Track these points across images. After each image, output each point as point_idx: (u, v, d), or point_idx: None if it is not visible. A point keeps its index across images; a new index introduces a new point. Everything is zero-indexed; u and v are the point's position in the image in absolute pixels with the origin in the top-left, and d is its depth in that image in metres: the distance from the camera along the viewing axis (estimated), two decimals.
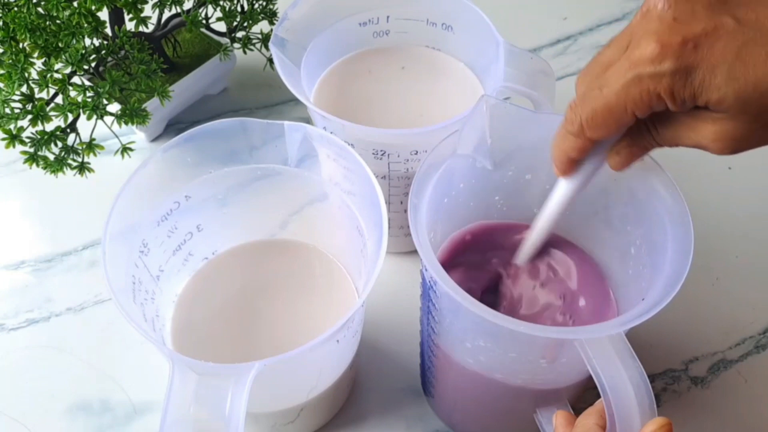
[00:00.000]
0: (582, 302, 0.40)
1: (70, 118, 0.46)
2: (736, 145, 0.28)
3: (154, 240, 0.40)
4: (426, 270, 0.35)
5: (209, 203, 0.43)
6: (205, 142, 0.40)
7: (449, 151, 0.37)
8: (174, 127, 0.60)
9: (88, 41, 0.46)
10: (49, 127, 0.46)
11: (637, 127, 0.31)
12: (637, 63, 0.28)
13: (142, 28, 0.48)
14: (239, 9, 0.53)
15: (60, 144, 0.46)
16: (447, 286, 0.32)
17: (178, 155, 0.39)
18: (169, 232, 0.41)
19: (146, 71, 0.47)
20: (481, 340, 0.36)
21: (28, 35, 0.44)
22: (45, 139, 0.45)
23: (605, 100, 0.29)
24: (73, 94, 0.46)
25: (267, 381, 0.34)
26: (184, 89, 0.57)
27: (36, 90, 0.45)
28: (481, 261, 0.42)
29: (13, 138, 0.45)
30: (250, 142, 0.41)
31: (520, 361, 0.36)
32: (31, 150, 0.45)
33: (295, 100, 0.60)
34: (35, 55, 0.45)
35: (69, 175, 0.48)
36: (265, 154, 0.41)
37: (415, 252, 0.53)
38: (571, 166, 0.33)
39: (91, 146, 0.47)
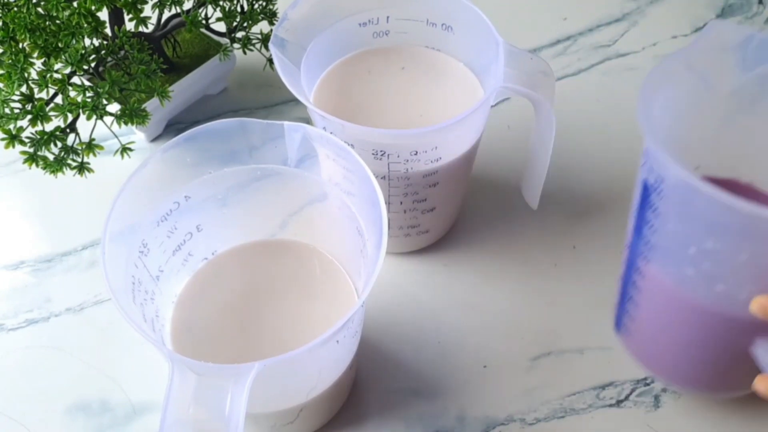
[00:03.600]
0: None
1: (70, 118, 0.46)
2: None
3: (153, 240, 0.40)
4: (650, 170, 0.33)
5: (209, 203, 0.43)
6: (204, 142, 0.40)
7: (680, 67, 0.35)
8: (174, 127, 0.60)
9: (87, 41, 0.46)
10: (49, 127, 0.46)
11: None
12: None
13: (141, 28, 0.48)
14: (239, 9, 0.53)
15: (60, 144, 0.46)
16: (684, 175, 0.30)
17: (177, 155, 0.39)
18: (168, 233, 0.41)
19: (146, 71, 0.47)
20: (709, 241, 0.33)
21: (27, 35, 0.44)
22: (45, 139, 0.45)
23: None
24: (72, 94, 0.46)
25: (267, 381, 0.34)
26: (184, 89, 0.57)
27: (36, 90, 0.45)
28: None
29: (13, 138, 0.45)
30: (249, 142, 0.41)
31: (749, 265, 0.33)
32: (31, 150, 0.45)
33: (294, 101, 0.60)
34: (35, 55, 0.45)
35: (69, 175, 0.48)
36: (264, 155, 0.41)
37: (414, 252, 0.53)
38: None
39: (91, 146, 0.47)
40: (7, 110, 0.44)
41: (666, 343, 0.40)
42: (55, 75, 0.45)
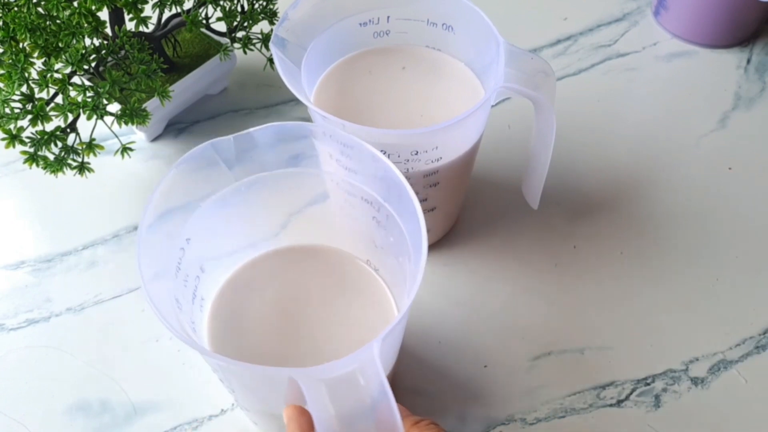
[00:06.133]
0: None
1: (70, 118, 0.46)
2: None
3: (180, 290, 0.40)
4: None
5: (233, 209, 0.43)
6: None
7: None
8: (174, 127, 0.60)
9: (88, 41, 0.46)
10: (49, 127, 0.46)
11: None
12: None
13: (142, 28, 0.48)
14: (239, 9, 0.53)
15: (60, 144, 0.46)
16: None
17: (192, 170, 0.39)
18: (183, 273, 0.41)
19: (146, 71, 0.47)
20: None
21: (28, 35, 0.44)
22: (45, 139, 0.45)
23: None
24: (73, 94, 0.46)
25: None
26: (184, 89, 0.57)
27: (36, 90, 0.45)
28: None
29: (13, 138, 0.45)
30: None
31: None
32: (31, 150, 0.45)
33: (295, 100, 0.60)
34: (35, 55, 0.45)
35: (69, 175, 0.48)
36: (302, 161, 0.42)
37: None
38: None
39: (91, 146, 0.47)
40: (7, 110, 0.44)
41: (695, 5, 0.61)
42: (56, 75, 0.45)
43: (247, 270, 0.45)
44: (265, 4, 0.53)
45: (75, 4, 0.45)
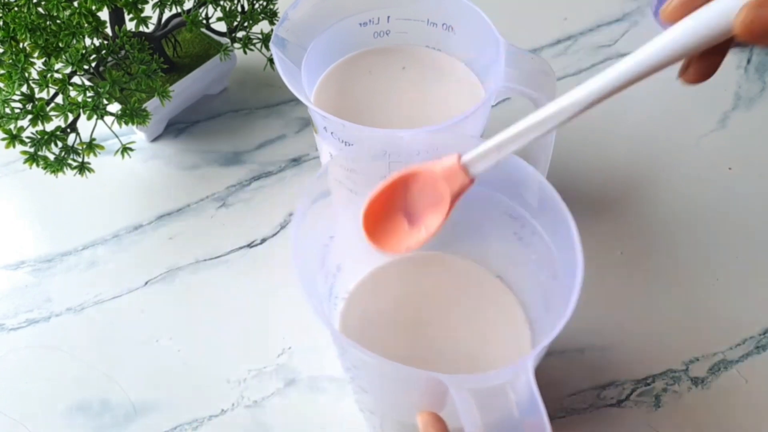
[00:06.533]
0: None
1: (70, 118, 0.46)
2: None
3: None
4: None
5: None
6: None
7: None
8: (174, 127, 0.60)
9: (88, 41, 0.46)
10: (49, 127, 0.46)
11: None
12: None
13: (142, 28, 0.48)
14: (239, 9, 0.53)
15: (60, 144, 0.46)
16: None
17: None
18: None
19: (146, 71, 0.48)
20: None
21: (28, 35, 0.44)
22: (45, 139, 0.45)
23: None
24: (73, 94, 0.46)
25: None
26: (184, 89, 0.57)
27: (36, 90, 0.45)
28: None
29: (13, 138, 0.45)
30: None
31: None
32: (31, 150, 0.45)
33: (295, 100, 0.60)
34: (35, 55, 0.45)
35: (69, 175, 0.48)
36: None
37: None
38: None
39: (92, 146, 0.47)
40: (7, 110, 0.44)
41: None
42: (56, 75, 0.45)
43: (379, 273, 0.45)
44: (265, 4, 0.53)
45: (75, 4, 0.45)
